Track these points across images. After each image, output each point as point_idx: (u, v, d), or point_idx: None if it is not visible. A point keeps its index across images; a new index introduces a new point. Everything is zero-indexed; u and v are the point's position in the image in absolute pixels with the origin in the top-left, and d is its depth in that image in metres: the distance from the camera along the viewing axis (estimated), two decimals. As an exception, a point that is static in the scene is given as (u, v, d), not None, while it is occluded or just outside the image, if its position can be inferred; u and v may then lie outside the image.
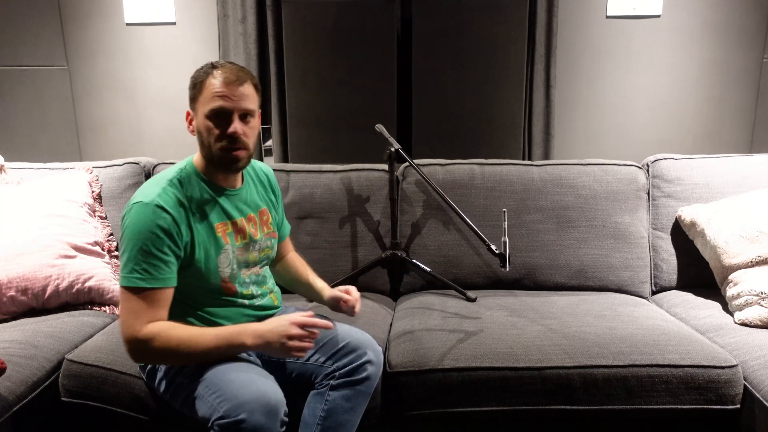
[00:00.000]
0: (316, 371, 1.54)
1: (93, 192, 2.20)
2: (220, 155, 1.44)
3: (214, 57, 2.94)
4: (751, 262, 1.90)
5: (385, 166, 2.13)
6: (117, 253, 2.13)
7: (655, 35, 2.90)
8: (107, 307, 2.00)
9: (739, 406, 1.63)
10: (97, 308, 1.99)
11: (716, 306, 1.99)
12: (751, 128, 2.99)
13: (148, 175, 2.28)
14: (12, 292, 1.89)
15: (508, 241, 1.77)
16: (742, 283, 1.89)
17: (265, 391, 1.33)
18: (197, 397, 1.38)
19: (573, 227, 2.17)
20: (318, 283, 1.75)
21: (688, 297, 2.10)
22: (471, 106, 2.73)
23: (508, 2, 2.64)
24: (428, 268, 2.13)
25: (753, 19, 2.87)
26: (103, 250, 2.10)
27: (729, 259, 1.95)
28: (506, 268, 1.77)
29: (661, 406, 1.62)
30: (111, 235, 2.18)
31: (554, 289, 2.17)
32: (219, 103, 1.41)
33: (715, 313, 1.94)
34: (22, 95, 3.05)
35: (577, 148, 3.03)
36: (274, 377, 1.42)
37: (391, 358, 1.69)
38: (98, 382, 1.61)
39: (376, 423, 1.64)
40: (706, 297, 2.07)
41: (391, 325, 1.92)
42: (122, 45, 2.97)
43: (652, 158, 2.27)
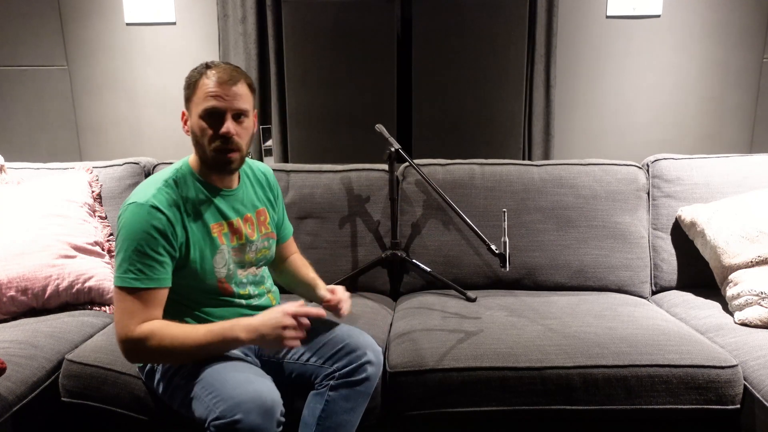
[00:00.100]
0: (316, 372, 1.53)
1: (93, 192, 2.20)
2: (214, 156, 1.44)
3: (214, 57, 2.93)
4: (751, 262, 1.90)
5: (385, 166, 2.13)
6: (117, 253, 2.13)
7: (655, 35, 2.90)
8: (107, 307, 2.00)
9: (739, 406, 1.63)
10: (97, 308, 2.00)
11: (716, 306, 1.99)
12: (751, 128, 2.99)
13: (148, 175, 2.28)
14: (12, 292, 1.89)
15: (508, 241, 1.77)
16: (742, 283, 1.89)
17: (261, 391, 1.32)
18: (194, 397, 1.38)
19: (573, 227, 2.17)
20: (319, 285, 1.74)
21: (688, 297, 2.09)
22: (471, 106, 2.72)
23: (508, 2, 2.64)
24: (428, 268, 2.13)
25: (753, 19, 2.88)
26: (103, 250, 2.10)
27: (729, 259, 1.95)
28: (506, 268, 1.77)
29: (661, 406, 1.62)
30: (111, 235, 2.18)
31: (554, 289, 2.16)
32: (212, 103, 1.40)
33: (715, 313, 1.94)
34: (22, 95, 3.05)
35: (577, 148, 3.03)
36: (274, 378, 1.42)
37: (391, 358, 1.68)
38: (98, 383, 1.61)
39: (375, 423, 1.64)
40: (706, 297, 2.07)
41: (391, 325, 1.92)
42: (122, 45, 2.97)
43: (652, 158, 2.27)
